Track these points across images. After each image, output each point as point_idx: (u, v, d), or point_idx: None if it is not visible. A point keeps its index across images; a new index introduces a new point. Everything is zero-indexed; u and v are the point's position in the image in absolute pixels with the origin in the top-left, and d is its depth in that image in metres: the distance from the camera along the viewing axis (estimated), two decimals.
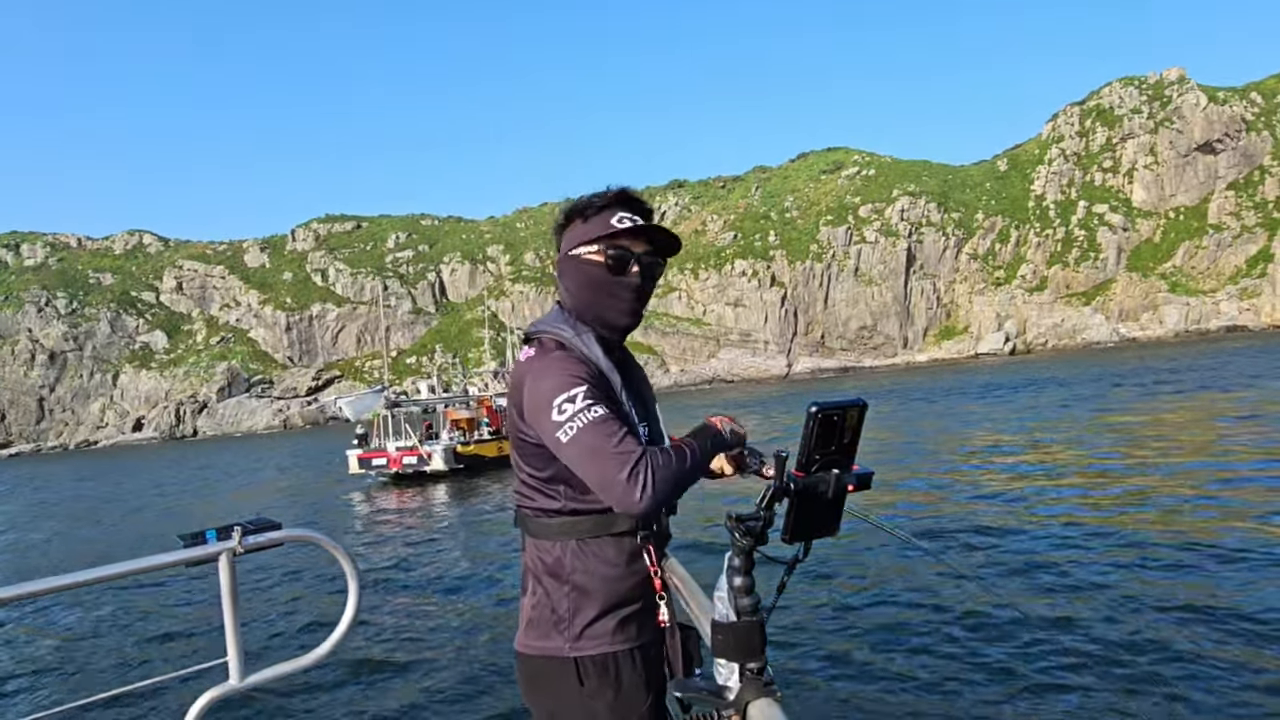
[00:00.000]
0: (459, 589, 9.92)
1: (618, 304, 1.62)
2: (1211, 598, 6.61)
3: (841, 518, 1.49)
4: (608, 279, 1.61)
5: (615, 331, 1.66)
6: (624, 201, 1.64)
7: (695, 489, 1.58)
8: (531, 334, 1.66)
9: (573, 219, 1.67)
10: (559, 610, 1.59)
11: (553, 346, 1.60)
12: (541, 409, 1.49)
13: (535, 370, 1.55)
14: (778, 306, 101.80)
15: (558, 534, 1.61)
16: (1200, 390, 26.04)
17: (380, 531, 15.65)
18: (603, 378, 1.57)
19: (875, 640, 6.25)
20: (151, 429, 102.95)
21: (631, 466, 1.39)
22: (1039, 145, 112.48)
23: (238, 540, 1.93)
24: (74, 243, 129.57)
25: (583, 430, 1.43)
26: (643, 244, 1.63)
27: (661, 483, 1.40)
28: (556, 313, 1.68)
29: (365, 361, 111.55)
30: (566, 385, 1.48)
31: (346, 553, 2.17)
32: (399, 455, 25.37)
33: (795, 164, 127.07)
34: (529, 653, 1.61)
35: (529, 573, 1.66)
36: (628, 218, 1.62)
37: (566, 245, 1.67)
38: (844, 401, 1.40)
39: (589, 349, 1.60)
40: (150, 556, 1.91)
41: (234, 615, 1.95)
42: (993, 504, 11.53)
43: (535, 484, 1.62)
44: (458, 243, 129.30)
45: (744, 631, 1.40)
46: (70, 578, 1.77)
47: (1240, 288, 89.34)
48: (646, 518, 1.59)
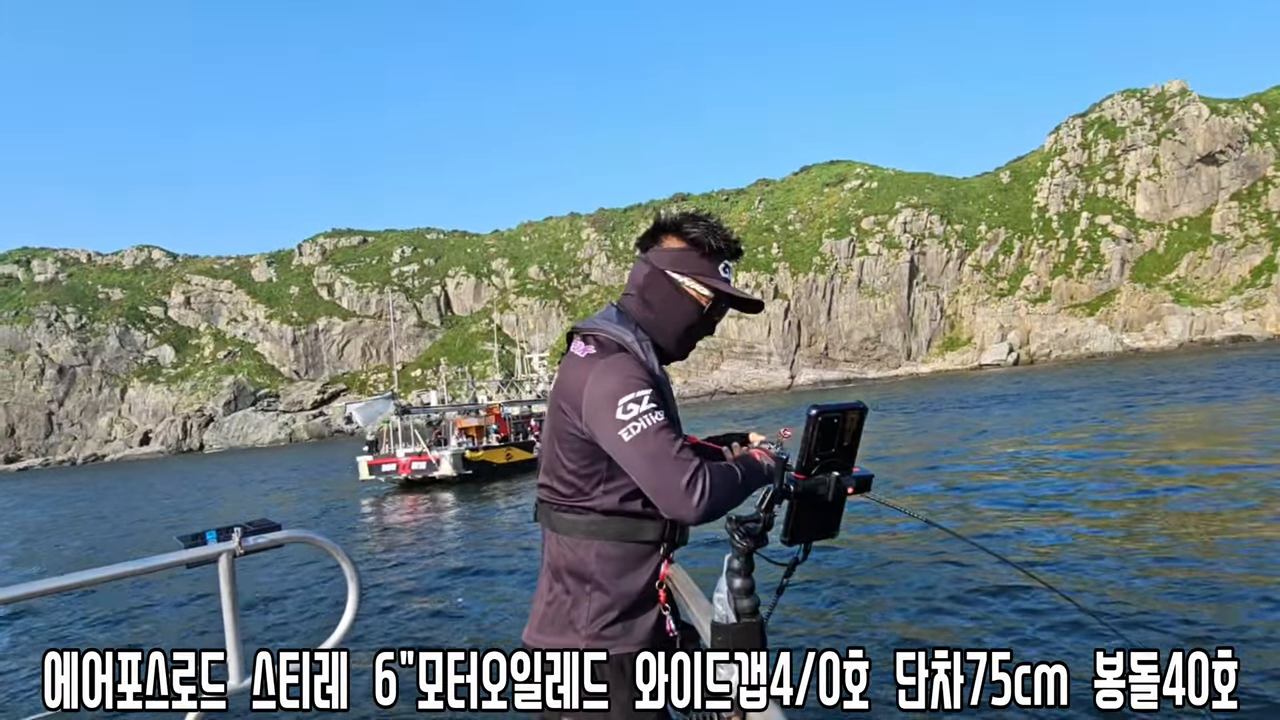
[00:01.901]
0: (462, 591, 9.92)
1: (687, 339, 1.70)
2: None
3: (841, 520, 1.49)
4: (696, 317, 1.68)
5: (665, 355, 1.71)
6: (735, 252, 1.71)
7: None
8: (585, 331, 1.66)
9: (674, 234, 1.70)
10: (578, 608, 1.61)
11: (614, 347, 1.61)
12: (604, 407, 1.51)
13: (599, 368, 1.56)
14: (781, 319, 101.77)
15: (585, 533, 1.62)
16: (1222, 397, 25.92)
17: (388, 535, 15.67)
18: (660, 383, 1.61)
19: (876, 640, 6.23)
20: (158, 443, 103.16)
21: (691, 475, 1.43)
22: (1041, 157, 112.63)
23: (238, 541, 1.95)
24: (84, 258, 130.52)
25: (646, 432, 1.46)
26: (728, 297, 1.71)
27: (717, 495, 1.45)
28: (615, 314, 1.70)
29: (370, 375, 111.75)
30: (632, 386, 1.51)
31: (346, 555, 2.19)
32: (408, 461, 25.55)
33: (798, 177, 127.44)
34: (541, 648, 1.62)
35: (549, 568, 1.68)
36: (731, 267, 1.71)
37: (670, 263, 1.68)
38: (843, 405, 1.41)
39: (647, 356, 1.62)
40: (150, 557, 1.92)
41: (234, 616, 1.96)
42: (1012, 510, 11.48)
43: (573, 480, 1.62)
44: (462, 256, 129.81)
45: (744, 632, 1.42)
46: (71, 578, 1.77)
47: (1245, 298, 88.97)
48: (683, 529, 1.62)
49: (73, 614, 10.07)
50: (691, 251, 1.67)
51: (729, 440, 1.78)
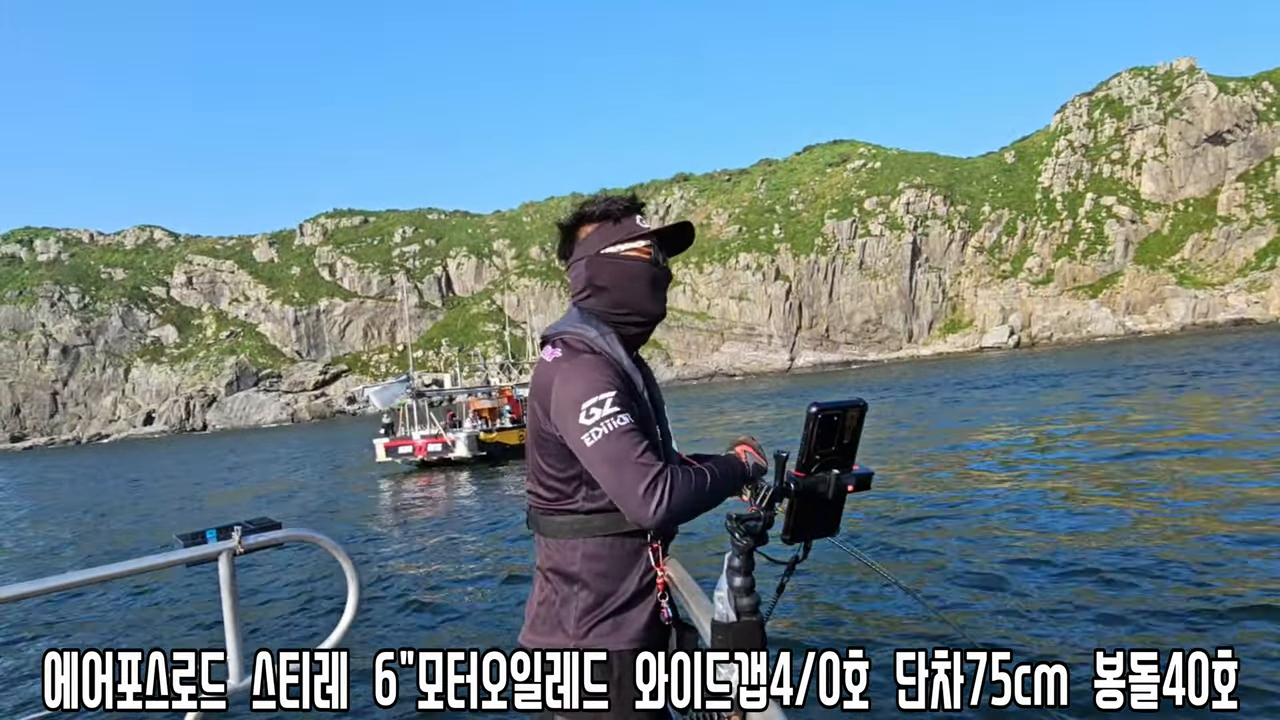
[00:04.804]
0: (470, 583, 9.97)
1: (657, 294, 1.71)
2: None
3: (842, 517, 1.49)
4: (651, 271, 1.70)
5: (650, 321, 1.72)
6: (639, 208, 1.74)
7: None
8: (553, 335, 1.68)
9: (588, 223, 1.73)
10: (566, 608, 1.62)
11: (581, 348, 1.62)
12: (568, 411, 1.52)
13: (564, 371, 1.57)
14: (782, 300, 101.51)
15: (570, 533, 1.63)
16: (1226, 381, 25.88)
17: (400, 525, 15.75)
18: (628, 378, 1.62)
19: (876, 640, 6.27)
20: (161, 423, 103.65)
21: (650, 480, 1.43)
22: (1047, 137, 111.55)
23: (238, 540, 1.96)
24: (86, 238, 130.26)
25: (607, 437, 1.47)
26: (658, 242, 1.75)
27: (678, 501, 1.44)
28: (576, 314, 1.71)
29: (372, 355, 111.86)
30: (595, 389, 1.51)
31: (347, 553, 2.19)
32: (424, 443, 26.02)
33: (801, 157, 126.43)
34: (533, 649, 1.63)
35: (540, 571, 1.70)
36: (642, 221, 1.73)
37: (598, 244, 1.70)
38: (844, 402, 1.40)
39: (613, 349, 1.64)
40: (150, 556, 1.92)
41: (234, 615, 1.97)
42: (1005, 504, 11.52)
43: (553, 483, 1.64)
44: (464, 237, 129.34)
45: (744, 631, 1.41)
46: (70, 577, 1.77)
47: (1249, 280, 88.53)
48: (656, 530, 1.61)
49: (73, 614, 10.13)
50: (605, 224, 1.71)
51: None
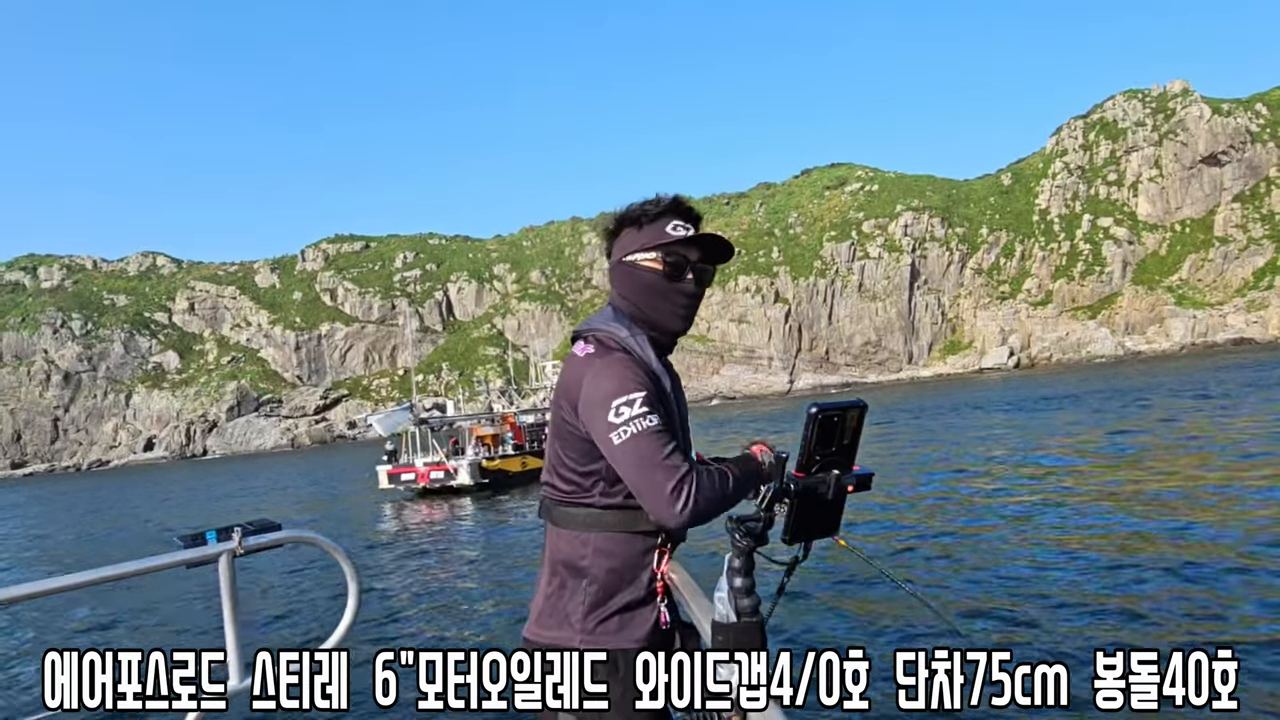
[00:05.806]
0: (471, 596, 9.93)
1: (673, 309, 1.67)
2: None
3: (841, 518, 1.48)
4: (664, 285, 1.66)
5: (668, 335, 1.71)
6: (677, 209, 1.68)
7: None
8: (585, 331, 1.68)
9: (625, 226, 1.71)
10: (573, 601, 1.62)
11: (613, 346, 1.62)
12: (598, 407, 1.52)
13: (596, 368, 1.58)
14: (782, 323, 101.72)
15: (582, 526, 1.64)
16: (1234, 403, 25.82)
17: (401, 540, 15.69)
18: (657, 379, 1.62)
19: (876, 640, 6.23)
20: (162, 448, 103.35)
21: (677, 480, 1.44)
22: (1043, 159, 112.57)
23: (238, 541, 1.96)
24: (89, 264, 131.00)
25: (636, 436, 1.47)
26: (696, 251, 1.68)
27: (703, 502, 1.45)
28: (610, 313, 1.71)
29: (373, 380, 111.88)
30: (626, 388, 1.52)
31: (346, 554, 2.19)
32: (427, 470, 26.09)
33: (799, 180, 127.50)
34: (539, 641, 1.63)
35: (549, 563, 1.69)
36: (681, 225, 1.66)
37: (620, 251, 1.70)
38: (843, 403, 1.40)
39: (644, 350, 1.64)
40: (150, 558, 1.92)
41: (234, 616, 1.96)
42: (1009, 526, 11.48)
43: (572, 476, 1.64)
44: (465, 262, 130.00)
45: (744, 632, 1.41)
46: (70, 579, 1.77)
47: (1247, 300, 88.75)
48: (675, 531, 1.60)
49: (73, 614, 10.09)
50: (632, 230, 1.69)
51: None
